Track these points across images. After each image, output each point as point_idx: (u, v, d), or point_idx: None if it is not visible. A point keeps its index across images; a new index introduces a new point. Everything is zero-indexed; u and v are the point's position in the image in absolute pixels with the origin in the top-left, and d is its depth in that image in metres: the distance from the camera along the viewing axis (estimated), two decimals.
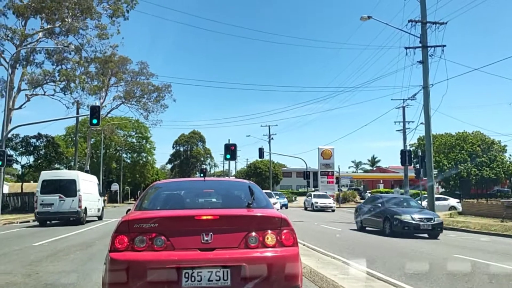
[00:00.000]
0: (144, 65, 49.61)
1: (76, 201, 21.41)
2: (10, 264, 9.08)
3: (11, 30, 33.26)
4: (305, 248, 10.72)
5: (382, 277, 7.35)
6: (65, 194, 21.44)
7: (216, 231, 4.13)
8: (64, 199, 21.36)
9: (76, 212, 21.39)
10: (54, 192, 21.44)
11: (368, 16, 24.56)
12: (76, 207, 21.31)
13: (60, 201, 21.35)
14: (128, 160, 74.88)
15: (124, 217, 4.38)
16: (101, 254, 9.64)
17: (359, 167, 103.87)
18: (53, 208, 21.26)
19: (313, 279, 7.01)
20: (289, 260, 4.19)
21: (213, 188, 5.83)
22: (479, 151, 55.10)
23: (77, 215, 21.42)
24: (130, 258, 3.97)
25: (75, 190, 21.64)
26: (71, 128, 57.80)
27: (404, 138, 40.36)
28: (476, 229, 20.15)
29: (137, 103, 51.48)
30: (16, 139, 38.05)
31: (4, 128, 29.12)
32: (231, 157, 24.45)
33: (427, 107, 23.95)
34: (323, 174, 56.95)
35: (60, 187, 21.70)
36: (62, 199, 21.41)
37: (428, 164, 24.00)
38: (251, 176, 73.64)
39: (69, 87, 36.22)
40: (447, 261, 9.98)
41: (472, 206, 28.38)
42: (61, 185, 21.81)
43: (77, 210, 21.38)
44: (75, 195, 21.50)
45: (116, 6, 35.81)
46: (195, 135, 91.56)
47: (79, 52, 36.72)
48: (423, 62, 23.89)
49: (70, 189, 21.61)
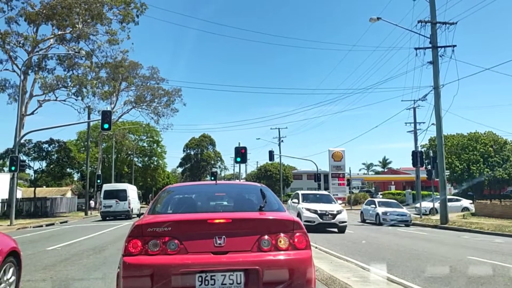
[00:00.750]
0: (155, 70, 49.99)
1: (126, 203, 31.33)
2: (23, 269, 9.11)
3: (23, 37, 33.69)
4: (317, 250, 10.69)
5: (397, 280, 7.29)
6: (119, 199, 31.24)
7: (228, 234, 4.13)
8: (119, 202, 31.07)
9: (127, 211, 31.14)
10: (112, 198, 31.24)
11: (378, 18, 24.48)
12: (126, 207, 31.18)
13: (116, 204, 31.09)
14: (139, 164, 75.31)
15: (137, 221, 4.40)
16: (113, 258, 9.71)
17: (370, 169, 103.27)
18: (112, 209, 31.08)
19: (326, 282, 6.98)
20: (302, 263, 4.17)
21: (225, 191, 5.85)
22: (492, 151, 54.55)
23: (127, 213, 31.13)
24: (144, 262, 3.99)
25: (126, 196, 31.60)
26: (83, 133, 58.32)
27: (415, 139, 40.16)
28: (490, 230, 19.94)
29: (147, 107, 51.85)
30: (29, 144, 38.34)
31: (17, 133, 29.43)
32: (241, 160, 24.46)
33: (438, 107, 23.78)
34: (334, 176, 56.73)
35: (116, 194, 31.40)
36: (118, 202, 31.12)
37: (440, 165, 23.83)
38: (262, 178, 73.63)
39: (81, 92, 36.61)
40: (461, 263, 9.88)
41: (485, 207, 28.13)
42: (116, 193, 31.60)
43: (127, 209, 31.22)
44: (126, 200, 31.45)
45: (126, 12, 36.10)
46: (205, 138, 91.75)
47: (90, 58, 37.06)
48: (433, 63, 23.75)
49: (123, 196, 31.48)
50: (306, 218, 18.01)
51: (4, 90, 35.16)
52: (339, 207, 19.57)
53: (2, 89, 35.06)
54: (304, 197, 20.52)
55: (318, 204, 19.35)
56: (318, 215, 18.37)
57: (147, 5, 37.05)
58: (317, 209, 18.58)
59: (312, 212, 18.53)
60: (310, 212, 18.56)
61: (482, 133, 57.53)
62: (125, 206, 31.09)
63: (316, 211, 18.50)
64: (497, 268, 9.12)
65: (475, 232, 19.86)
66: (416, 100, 37.46)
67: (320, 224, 18.22)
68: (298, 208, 19.22)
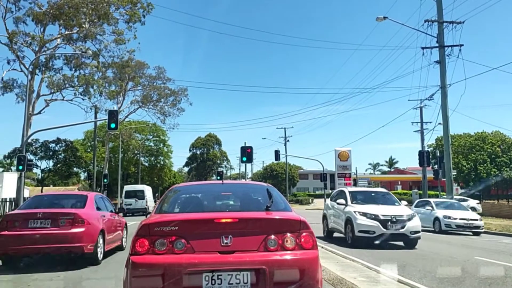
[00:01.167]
0: (161, 69, 50.00)
1: (144, 202, 35.70)
2: (33, 267, 9.18)
3: (30, 37, 33.86)
4: (323, 250, 10.67)
5: (406, 281, 7.26)
6: (138, 198, 35.87)
7: (235, 234, 4.14)
8: (138, 201, 35.46)
9: (144, 208, 34.94)
10: (132, 197, 35.88)
11: (384, 17, 24.41)
12: (144, 205, 35.26)
13: (136, 202, 35.36)
14: (146, 163, 75.54)
15: (144, 221, 4.42)
16: (120, 257, 9.75)
17: (376, 169, 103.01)
18: (132, 206, 34.29)
19: (332, 282, 6.97)
20: (309, 263, 4.17)
21: (231, 191, 5.86)
22: (499, 151, 54.26)
23: (145, 210, 34.77)
24: (151, 261, 4.00)
25: (144, 196, 36.33)
26: (90, 132, 58.57)
27: (422, 139, 39.90)
28: (497, 230, 19.83)
29: (154, 107, 51.90)
30: (36, 144, 38.64)
31: (24, 133, 29.57)
32: (247, 160, 24.46)
33: (445, 107, 23.68)
34: (340, 176, 56.65)
35: (135, 194, 36.19)
36: (136, 201, 35.51)
37: (447, 165, 23.73)
38: (268, 178, 73.66)
39: (87, 92, 36.76)
40: (468, 264, 9.83)
41: (492, 207, 28.00)
42: (135, 193, 36.46)
43: (145, 207, 35.16)
44: (144, 199, 36.05)
45: (132, 12, 36.15)
46: (211, 138, 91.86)
47: (97, 58, 37.17)
48: (440, 62, 23.66)
49: (140, 195, 36.27)
50: (362, 227, 12.62)
51: (12, 89, 35.32)
52: (407, 210, 13.89)
53: (10, 88, 35.22)
54: (353, 195, 14.38)
55: (376, 206, 13.42)
56: (380, 222, 12.52)
57: (153, 5, 37.15)
58: (378, 214, 12.72)
59: (371, 218, 12.69)
60: (367, 218, 12.72)
61: (489, 133, 57.26)
62: (143, 204, 35.46)
63: (377, 217, 12.64)
64: (505, 268, 9.06)
65: (482, 233, 19.73)
66: (423, 100, 37.17)
67: (381, 237, 12.53)
68: (347, 212, 13.48)
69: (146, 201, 36.01)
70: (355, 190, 15.86)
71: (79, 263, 9.01)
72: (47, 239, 8.61)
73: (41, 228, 8.74)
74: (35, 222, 8.80)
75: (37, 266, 9.19)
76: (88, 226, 9.06)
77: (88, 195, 10.49)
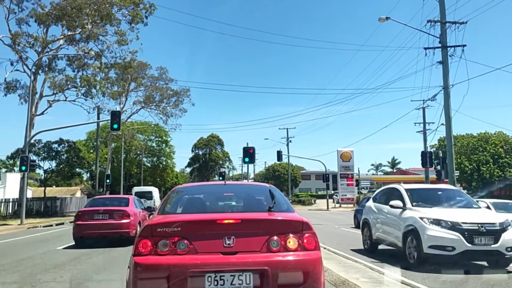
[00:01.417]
0: (164, 70, 50.16)
1: (152, 202, 36.53)
2: (35, 267, 9.23)
3: (33, 38, 33.97)
4: (325, 251, 10.66)
5: (409, 282, 7.24)
6: (147, 198, 36.74)
7: (238, 235, 4.15)
8: (146, 201, 34.78)
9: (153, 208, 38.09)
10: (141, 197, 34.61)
11: (386, 17, 24.34)
12: (152, 205, 34.68)
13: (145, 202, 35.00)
14: (148, 164, 75.63)
15: (147, 221, 4.43)
16: (123, 258, 9.76)
17: (379, 169, 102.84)
18: None
19: (335, 283, 6.97)
20: (312, 264, 4.17)
21: (234, 191, 5.85)
22: (502, 152, 54.15)
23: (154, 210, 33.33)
24: (153, 262, 4.01)
25: (152, 197, 38.86)
26: (92, 133, 58.63)
27: (425, 139, 39.88)
28: None
29: (156, 107, 52.08)
30: (39, 144, 38.59)
31: (27, 133, 29.71)
32: (249, 160, 24.47)
33: (448, 107, 23.60)
34: (342, 177, 56.67)
35: (144, 195, 36.91)
36: (145, 201, 34.36)
37: (450, 166, 23.64)
38: (270, 179, 73.68)
39: (90, 92, 36.85)
40: (469, 267, 9.79)
41: None
42: (144, 194, 37.88)
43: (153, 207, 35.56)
44: (152, 199, 37.96)
45: (135, 13, 36.26)
46: (213, 138, 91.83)
47: (99, 58, 37.27)
48: (442, 63, 23.56)
49: (149, 196, 38.12)
50: (434, 241, 8.58)
51: (15, 90, 35.45)
52: (496, 215, 9.77)
53: (13, 89, 35.34)
54: (413, 195, 10.14)
55: (450, 210, 9.52)
56: (462, 234, 8.41)
57: (155, 5, 37.26)
58: (458, 221, 8.59)
59: (448, 228, 8.59)
60: (441, 228, 8.64)
61: (492, 133, 57.14)
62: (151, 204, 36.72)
63: (458, 226, 8.52)
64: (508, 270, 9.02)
65: None
66: (426, 100, 37.20)
67: (464, 255, 8.46)
68: (409, 219, 9.40)
69: (154, 202, 37.84)
70: (414, 187, 11.20)
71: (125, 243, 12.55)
72: (107, 226, 13.04)
73: (103, 220, 13.25)
74: (98, 215, 13.32)
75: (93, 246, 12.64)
76: (132, 218, 13.44)
77: (129, 198, 15.22)
